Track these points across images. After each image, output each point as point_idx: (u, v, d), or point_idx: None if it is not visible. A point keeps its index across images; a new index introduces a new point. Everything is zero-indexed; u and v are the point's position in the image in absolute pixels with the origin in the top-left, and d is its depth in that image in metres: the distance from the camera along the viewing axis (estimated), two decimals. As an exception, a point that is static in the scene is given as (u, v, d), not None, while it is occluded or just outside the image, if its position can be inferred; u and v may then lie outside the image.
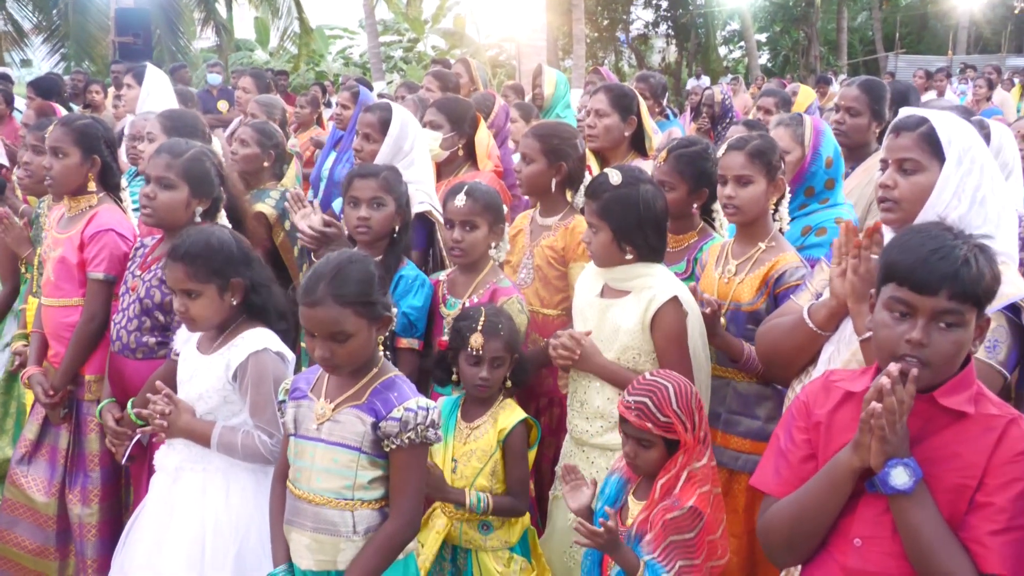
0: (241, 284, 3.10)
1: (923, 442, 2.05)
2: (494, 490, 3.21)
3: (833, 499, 2.12)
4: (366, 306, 2.59)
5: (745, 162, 3.30)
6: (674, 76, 32.92)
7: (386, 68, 24.98)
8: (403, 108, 4.46)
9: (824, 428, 2.20)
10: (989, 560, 1.97)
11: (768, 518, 2.26)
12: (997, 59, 24.10)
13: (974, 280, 1.98)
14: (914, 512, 2.01)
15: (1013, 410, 2.09)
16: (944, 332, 2.00)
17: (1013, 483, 1.98)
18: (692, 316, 3.22)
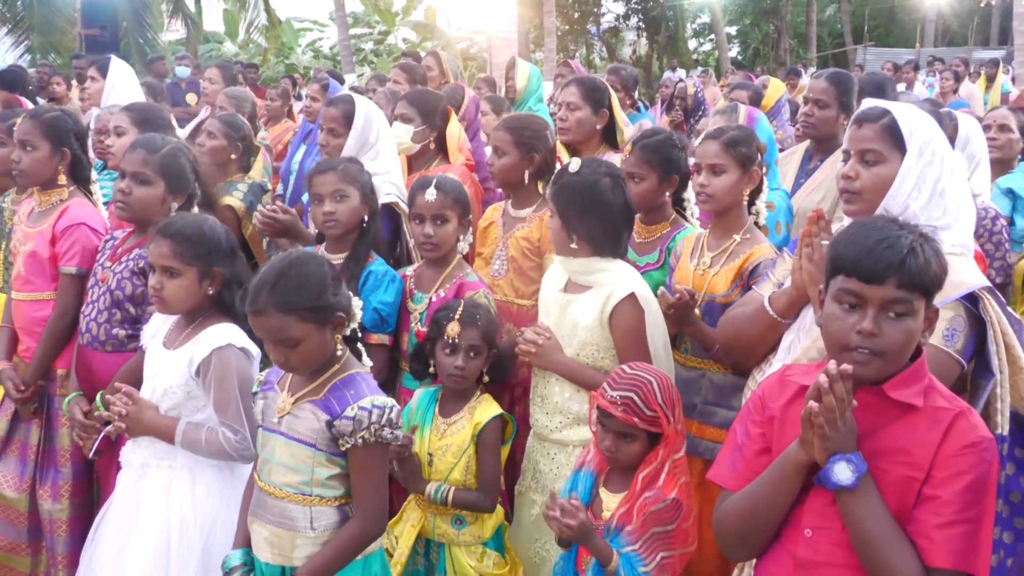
0: (222, 275, 3.09)
1: (872, 435, 2.06)
2: (468, 485, 3.20)
3: (783, 493, 2.13)
4: (312, 311, 2.56)
5: (719, 151, 3.33)
6: (645, 69, 32.97)
7: (356, 61, 24.85)
8: (366, 100, 4.44)
9: (778, 422, 2.21)
10: (935, 554, 1.97)
11: (722, 512, 2.27)
12: (964, 52, 24.29)
13: (921, 269, 2.00)
14: (858, 507, 2.02)
15: (962, 403, 2.09)
16: (894, 322, 2.01)
17: (959, 476, 1.98)
18: (651, 313, 3.22)
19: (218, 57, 22.65)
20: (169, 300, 3.06)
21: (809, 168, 4.63)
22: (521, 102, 6.52)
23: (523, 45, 21.71)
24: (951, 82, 12.52)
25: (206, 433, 3.01)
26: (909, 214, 2.42)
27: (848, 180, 2.70)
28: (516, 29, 15.41)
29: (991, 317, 2.53)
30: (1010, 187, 4.89)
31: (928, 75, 17.75)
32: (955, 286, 2.48)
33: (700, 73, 20.30)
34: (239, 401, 2.96)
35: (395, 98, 5.50)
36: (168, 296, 3.05)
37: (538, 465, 3.34)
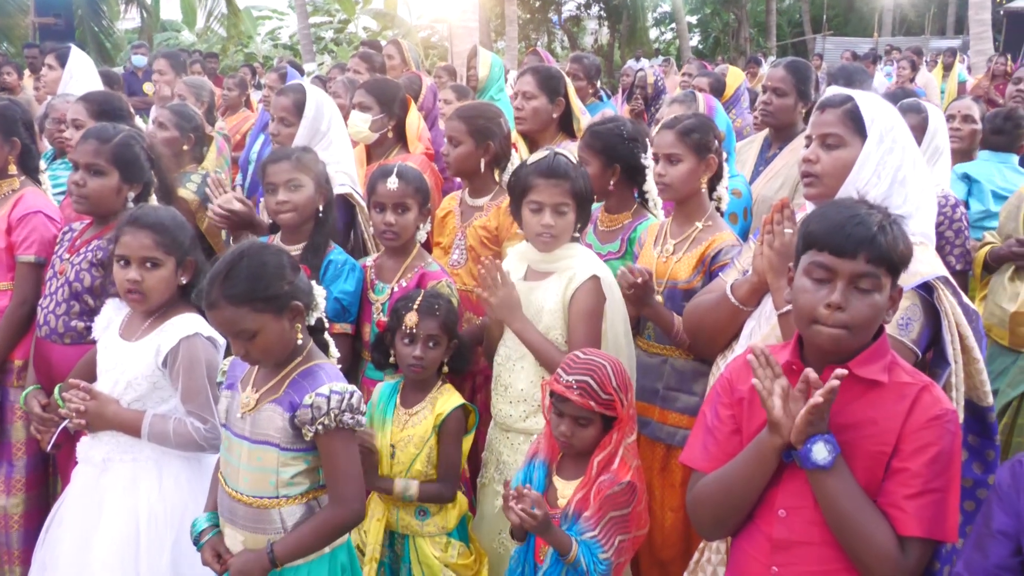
0: (194, 264, 3.08)
1: (841, 412, 2.11)
2: (429, 475, 3.20)
3: (758, 474, 2.17)
4: (265, 301, 2.53)
5: (674, 140, 3.36)
6: (607, 58, 33.00)
7: (317, 50, 24.65)
8: (318, 89, 4.43)
9: (747, 403, 2.25)
10: (906, 523, 2.04)
11: (696, 493, 2.31)
12: (920, 41, 24.61)
13: (890, 245, 2.06)
14: (832, 484, 2.06)
15: (925, 378, 2.15)
16: (862, 296, 2.07)
17: (926, 448, 2.05)
18: (613, 300, 3.25)
19: (175, 46, 22.32)
20: (150, 293, 3.02)
21: (768, 156, 4.66)
22: (483, 91, 6.48)
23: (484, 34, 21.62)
24: (908, 71, 12.66)
25: (174, 424, 2.98)
26: (869, 200, 2.42)
27: (809, 163, 2.73)
28: (477, 18, 15.32)
29: (945, 307, 2.56)
30: (966, 172, 4.94)
31: (886, 64, 17.91)
32: (911, 275, 2.51)
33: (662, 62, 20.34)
34: (208, 390, 2.94)
35: (354, 87, 5.47)
36: (149, 288, 3.01)
37: (501, 456, 3.35)
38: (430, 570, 3.21)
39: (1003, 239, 3.97)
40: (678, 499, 3.35)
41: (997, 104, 7.67)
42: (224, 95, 8.47)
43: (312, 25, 24.65)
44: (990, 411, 2.67)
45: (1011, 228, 3.93)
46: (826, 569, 2.13)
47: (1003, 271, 3.91)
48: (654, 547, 3.40)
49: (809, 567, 2.15)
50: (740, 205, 4.08)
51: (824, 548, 2.13)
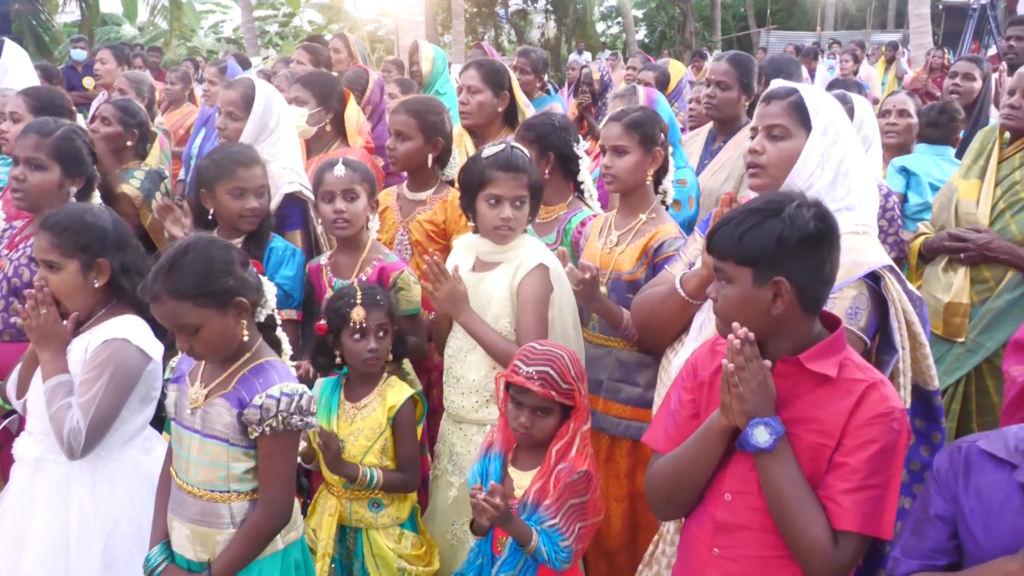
0: (107, 266, 2.98)
1: (790, 404, 2.15)
2: (384, 468, 3.20)
3: (706, 456, 2.21)
4: (208, 296, 2.50)
5: (621, 133, 3.40)
6: (553, 51, 33.05)
7: (261, 43, 24.40)
8: (267, 84, 4.35)
9: (707, 388, 2.29)
10: (842, 517, 2.07)
11: (652, 473, 2.35)
12: (862, 34, 24.94)
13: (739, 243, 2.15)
14: (775, 469, 2.10)
15: (877, 374, 2.18)
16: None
17: (868, 444, 2.08)
18: (561, 289, 3.27)
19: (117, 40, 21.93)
20: (57, 295, 2.95)
21: (713, 149, 4.70)
22: (427, 85, 6.46)
23: (431, 28, 21.56)
24: (851, 64, 12.83)
25: (63, 403, 2.83)
26: (814, 192, 2.47)
27: (755, 154, 2.77)
28: (423, 12, 15.28)
29: (892, 295, 2.60)
30: (904, 165, 5.03)
31: (828, 57, 18.13)
32: (859, 265, 2.56)
33: (609, 56, 20.41)
34: (101, 395, 2.82)
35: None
36: (53, 292, 2.94)
37: (454, 447, 3.35)
38: (384, 562, 3.21)
39: (936, 230, 4.04)
40: (623, 489, 3.41)
41: (935, 97, 7.82)
42: (167, 89, 8.37)
43: (257, 19, 24.39)
44: (936, 394, 2.72)
45: (944, 219, 3.99)
46: (764, 555, 2.17)
47: (937, 262, 3.98)
48: (600, 537, 3.41)
49: (748, 551, 2.19)
50: (686, 193, 4.13)
51: (764, 534, 2.16)
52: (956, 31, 15.55)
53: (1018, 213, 3.78)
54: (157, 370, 3.00)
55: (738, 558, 2.20)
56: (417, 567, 3.24)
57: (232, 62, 7.54)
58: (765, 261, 2.10)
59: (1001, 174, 3.87)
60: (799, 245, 2.09)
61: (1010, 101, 3.82)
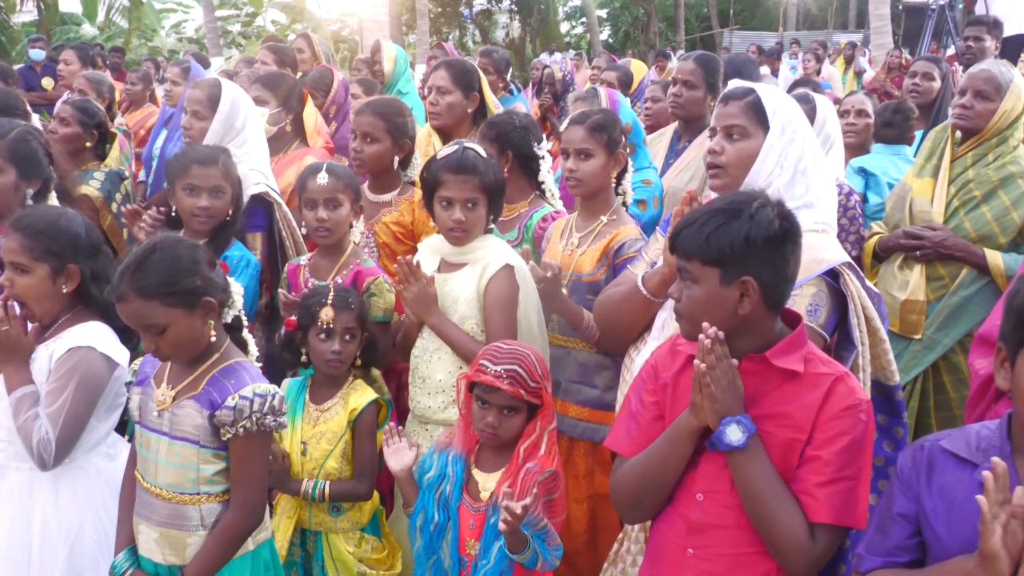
0: (77, 272, 2.94)
1: (758, 401, 2.16)
2: (343, 472, 3.18)
3: (675, 457, 2.22)
4: (175, 295, 2.49)
5: (585, 136, 3.39)
6: (518, 51, 33.06)
7: (224, 43, 24.21)
8: (233, 84, 4.32)
9: (670, 389, 2.29)
10: (817, 510, 2.10)
11: (618, 476, 2.35)
12: (824, 35, 25.15)
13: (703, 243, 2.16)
14: (748, 466, 2.12)
15: (841, 368, 2.21)
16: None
17: (838, 437, 2.10)
18: (526, 289, 3.27)
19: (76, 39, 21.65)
20: (23, 299, 2.91)
21: (678, 148, 4.73)
22: (390, 85, 6.44)
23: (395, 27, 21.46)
24: (813, 64, 12.95)
25: (30, 414, 2.80)
26: (772, 191, 2.49)
27: (714, 155, 2.79)
28: (387, 11, 15.22)
29: (851, 292, 2.64)
30: (862, 166, 5.09)
31: (791, 58, 18.28)
32: (818, 262, 2.59)
33: (573, 56, 20.45)
34: (68, 404, 2.80)
35: (258, 80, 5.39)
36: (19, 294, 2.90)
37: (420, 448, 3.31)
38: (343, 566, 3.19)
39: (890, 229, 4.09)
40: (582, 491, 3.42)
41: (894, 97, 7.91)
42: (127, 90, 8.29)
43: (219, 18, 24.19)
44: (897, 389, 2.76)
45: (898, 218, 4.04)
46: (739, 552, 2.19)
47: (892, 260, 4.03)
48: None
49: (723, 550, 2.20)
50: (650, 193, 4.14)
51: (738, 532, 2.18)
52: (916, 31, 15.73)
53: (972, 211, 3.85)
54: (123, 377, 2.97)
55: (713, 557, 2.21)
56: (378, 571, 3.23)
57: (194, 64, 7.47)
58: (732, 261, 2.11)
59: (954, 172, 3.92)
60: (766, 245, 2.11)
61: (961, 101, 3.88)
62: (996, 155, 3.85)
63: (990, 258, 3.76)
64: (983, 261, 3.77)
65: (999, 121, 3.82)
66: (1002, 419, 2.06)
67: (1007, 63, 4.01)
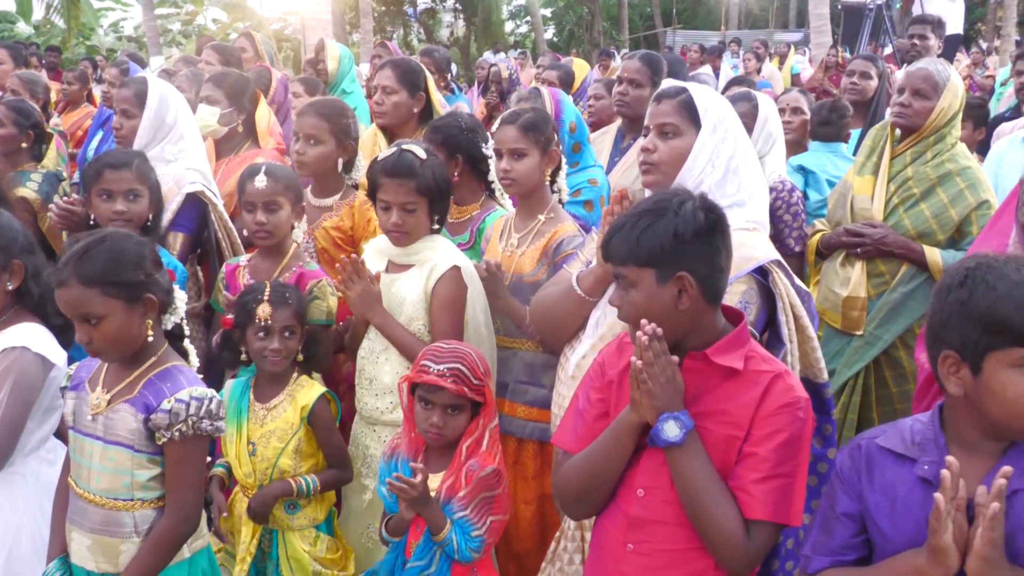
0: (21, 268, 2.91)
1: (700, 398, 2.18)
2: (299, 467, 3.17)
3: (616, 453, 2.23)
4: (117, 286, 2.47)
5: (518, 135, 3.40)
6: (463, 50, 33.03)
7: (164, 42, 23.84)
8: (161, 81, 4.28)
9: (616, 386, 2.31)
10: (753, 507, 2.12)
11: (563, 473, 2.36)
12: (765, 34, 25.45)
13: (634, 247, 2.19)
14: (685, 462, 2.13)
15: (781, 365, 2.23)
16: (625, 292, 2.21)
17: (775, 434, 2.12)
18: (474, 290, 3.28)
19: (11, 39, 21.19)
20: None
21: (623, 147, 4.75)
22: (334, 84, 6.40)
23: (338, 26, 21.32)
24: (753, 62, 13.11)
25: None
26: (704, 189, 2.52)
27: (647, 152, 2.81)
28: (330, 10, 15.08)
29: (780, 289, 2.67)
30: (801, 164, 5.16)
31: (732, 56, 18.49)
32: (748, 260, 2.62)
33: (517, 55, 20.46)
34: (4, 407, 2.75)
35: (198, 80, 5.32)
36: None
37: (368, 450, 3.34)
38: (298, 564, 3.18)
39: (832, 226, 4.15)
40: (531, 491, 3.42)
41: (832, 95, 8.02)
42: (63, 89, 8.14)
43: (158, 17, 23.76)
44: (825, 387, 2.79)
45: (840, 216, 4.10)
46: (677, 548, 2.20)
47: (834, 257, 4.08)
48: (509, 540, 3.44)
49: (662, 545, 2.21)
50: (597, 193, 4.14)
51: (677, 528, 2.19)
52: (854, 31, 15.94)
53: (911, 208, 3.91)
54: (61, 378, 2.91)
55: (652, 552, 2.22)
56: (332, 571, 3.22)
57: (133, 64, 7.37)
58: (665, 259, 2.13)
59: (894, 170, 3.98)
60: (695, 238, 2.14)
61: (900, 99, 3.93)
62: (934, 153, 3.92)
63: (929, 255, 3.81)
64: (922, 258, 3.82)
65: (937, 119, 3.88)
66: (934, 411, 2.10)
67: (944, 62, 4.07)
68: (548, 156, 3.44)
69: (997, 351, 1.90)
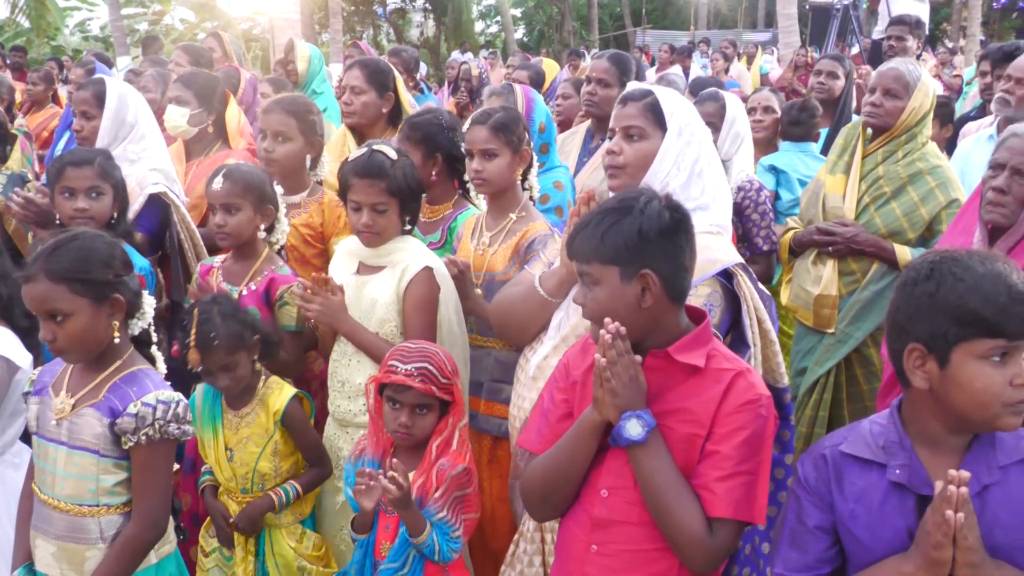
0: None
1: (662, 396, 2.17)
2: (279, 467, 3.15)
3: (580, 453, 2.22)
4: (85, 283, 2.45)
5: (489, 136, 3.39)
6: (433, 50, 33.00)
7: (131, 42, 23.62)
8: (119, 81, 4.26)
9: (580, 387, 2.30)
10: (716, 505, 2.10)
11: (527, 474, 2.35)
12: (734, 34, 25.61)
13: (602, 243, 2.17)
14: (648, 461, 2.13)
15: (743, 363, 2.23)
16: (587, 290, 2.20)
17: (737, 432, 2.12)
18: (446, 290, 3.27)
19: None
20: None
21: (591, 147, 4.75)
22: (304, 84, 6.37)
23: (307, 26, 21.24)
24: (721, 62, 13.18)
25: None
26: (669, 191, 2.51)
27: (613, 155, 2.81)
28: (299, 10, 15.02)
29: (744, 292, 2.68)
30: (772, 164, 5.19)
31: (702, 57, 18.58)
32: (712, 263, 2.63)
33: (487, 55, 20.46)
34: None
35: (164, 81, 5.28)
36: None
37: (340, 452, 3.32)
38: (284, 561, 3.17)
39: (805, 225, 4.17)
40: (507, 490, 3.40)
41: (801, 94, 8.07)
42: (28, 90, 8.06)
43: (125, 16, 23.60)
44: (785, 392, 2.79)
45: (812, 214, 4.12)
46: (641, 548, 2.19)
47: (806, 255, 4.10)
48: (486, 538, 3.44)
49: (626, 546, 2.21)
50: (563, 198, 4.13)
51: (641, 528, 2.18)
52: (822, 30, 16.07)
53: (882, 207, 3.93)
54: (25, 381, 2.88)
55: (616, 553, 2.21)
56: (317, 567, 3.22)
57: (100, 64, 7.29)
58: (629, 257, 2.13)
59: (865, 169, 4.01)
60: (659, 236, 2.13)
61: (871, 99, 3.96)
62: (905, 152, 3.95)
63: (899, 253, 3.84)
64: (893, 256, 3.85)
65: (908, 118, 3.91)
66: (891, 411, 2.10)
67: (915, 61, 4.11)
68: (519, 156, 3.43)
69: (965, 343, 1.90)
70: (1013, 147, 3.07)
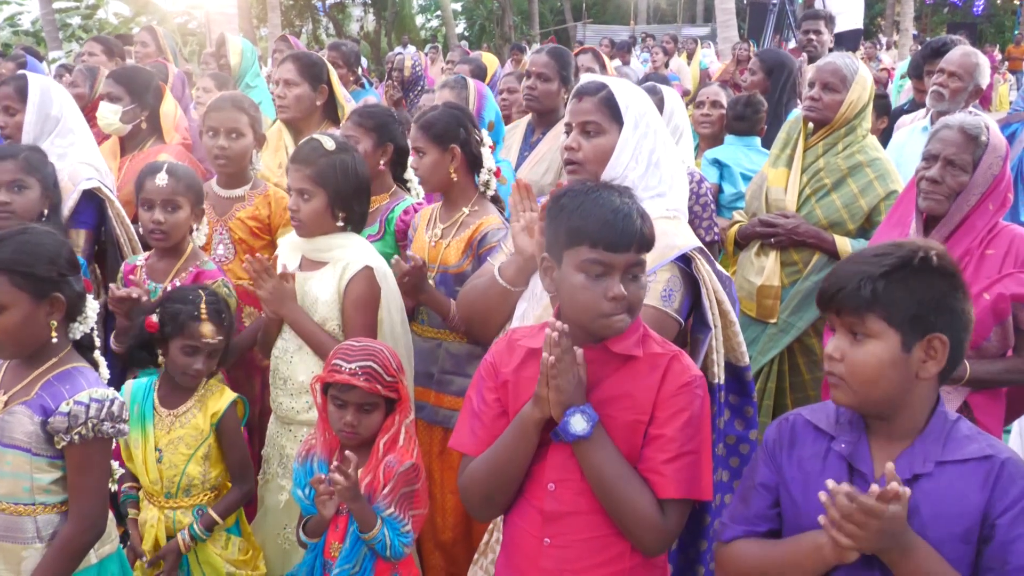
0: None
1: (598, 386, 2.19)
2: (208, 473, 3.11)
3: (522, 451, 2.22)
4: (26, 277, 2.41)
5: (416, 135, 3.46)
6: (373, 45, 32.82)
7: (64, 37, 23.15)
8: (41, 76, 4.24)
9: (512, 385, 2.29)
10: (665, 486, 2.14)
11: (467, 475, 2.35)
12: (674, 29, 25.84)
13: (650, 232, 2.18)
14: (594, 454, 2.14)
15: (674, 347, 2.26)
16: (632, 283, 2.15)
17: (679, 414, 2.15)
18: (388, 289, 3.27)
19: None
20: None
21: (532, 141, 4.74)
22: (238, 79, 6.29)
23: (245, 20, 20.99)
24: (661, 57, 13.28)
25: None
26: (628, 183, 2.52)
27: (571, 151, 2.81)
28: (235, 4, 14.81)
29: (703, 276, 2.70)
30: (716, 158, 5.23)
31: (642, 51, 18.70)
32: (670, 248, 2.64)
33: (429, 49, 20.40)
34: None
35: (92, 75, 5.18)
36: None
37: (284, 450, 3.30)
38: (211, 568, 3.14)
39: (750, 217, 4.21)
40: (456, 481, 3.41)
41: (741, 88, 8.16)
42: (-46, 86, 7.81)
43: (57, 11, 23.12)
44: (747, 370, 2.83)
45: (756, 207, 4.16)
46: (595, 535, 2.21)
47: (750, 247, 4.14)
48: (436, 529, 3.47)
49: (580, 535, 2.21)
50: (505, 192, 4.13)
51: (592, 516, 2.20)
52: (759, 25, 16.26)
53: (822, 199, 3.98)
54: None
55: (570, 544, 2.22)
56: (245, 571, 3.19)
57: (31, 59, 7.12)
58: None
59: (806, 162, 4.06)
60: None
61: (811, 93, 4.01)
62: (845, 144, 4.00)
63: (839, 244, 3.89)
64: (833, 247, 3.90)
65: (847, 112, 3.96)
66: None
67: (852, 56, 4.16)
68: (449, 153, 3.44)
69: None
70: (945, 138, 3.18)
